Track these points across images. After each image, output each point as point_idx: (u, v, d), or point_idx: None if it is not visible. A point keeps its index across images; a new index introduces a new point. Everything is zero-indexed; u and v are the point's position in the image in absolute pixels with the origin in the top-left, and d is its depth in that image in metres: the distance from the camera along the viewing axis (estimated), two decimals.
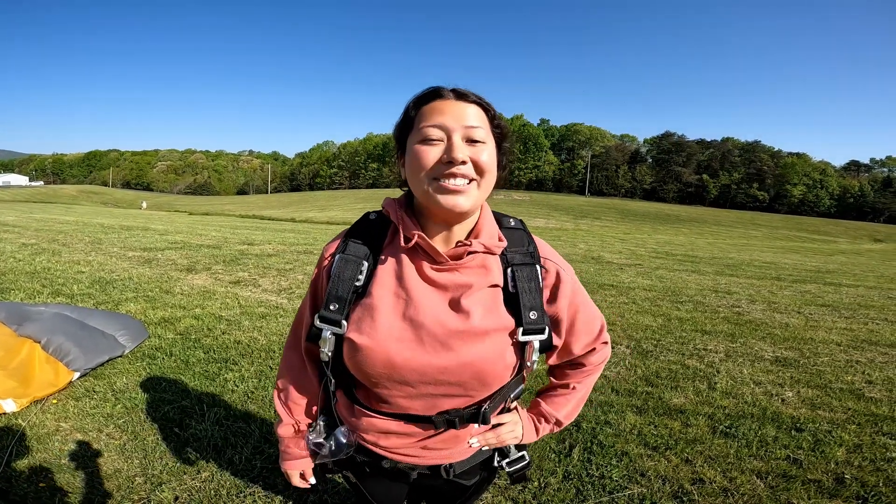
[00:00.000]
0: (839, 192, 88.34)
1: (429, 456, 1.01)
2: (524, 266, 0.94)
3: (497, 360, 0.90)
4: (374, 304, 0.91)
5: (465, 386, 0.91)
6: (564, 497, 2.15)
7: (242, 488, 2.17)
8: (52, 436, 2.53)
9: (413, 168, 0.87)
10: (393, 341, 0.88)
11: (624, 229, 30.73)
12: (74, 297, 5.19)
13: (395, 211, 0.95)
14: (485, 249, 0.91)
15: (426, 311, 0.89)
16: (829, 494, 2.24)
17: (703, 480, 2.29)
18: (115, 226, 13.91)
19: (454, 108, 0.86)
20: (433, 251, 0.90)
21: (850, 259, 18.40)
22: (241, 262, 7.99)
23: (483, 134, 0.87)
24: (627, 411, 2.99)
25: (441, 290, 0.91)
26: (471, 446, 1.03)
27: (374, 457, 1.03)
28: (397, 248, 0.94)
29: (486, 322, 0.89)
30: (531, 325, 0.92)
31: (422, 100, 0.89)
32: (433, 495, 1.21)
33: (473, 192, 0.87)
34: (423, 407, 0.94)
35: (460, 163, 0.84)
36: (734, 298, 6.97)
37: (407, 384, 0.91)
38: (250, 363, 3.57)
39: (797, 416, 3.02)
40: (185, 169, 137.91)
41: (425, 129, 0.85)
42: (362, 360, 0.90)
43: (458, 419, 0.95)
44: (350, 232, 0.99)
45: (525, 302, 0.92)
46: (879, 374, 3.92)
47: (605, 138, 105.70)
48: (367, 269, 0.94)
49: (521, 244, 0.97)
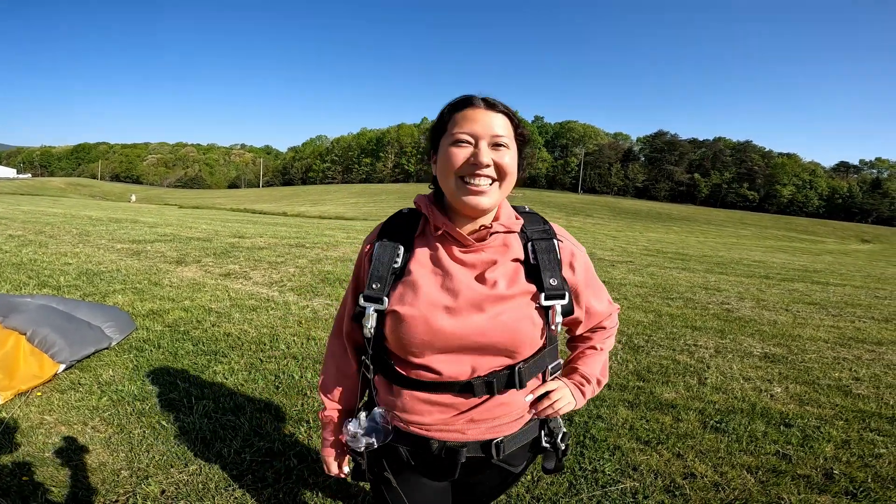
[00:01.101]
0: (828, 192, 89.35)
1: (476, 430, 1.03)
2: (542, 240, 1.05)
3: (525, 319, 0.99)
4: (415, 280, 1.01)
5: (499, 347, 0.98)
6: (557, 491, 2.14)
7: (231, 481, 2.14)
8: (36, 429, 2.49)
9: (444, 167, 0.98)
10: (434, 308, 0.97)
11: (616, 227, 30.88)
12: (61, 289, 5.11)
13: (426, 205, 1.06)
14: (505, 229, 1.03)
15: (458, 282, 0.99)
16: (818, 490, 2.24)
17: (694, 475, 2.30)
18: (104, 218, 13.72)
19: (483, 116, 0.97)
20: (460, 237, 1.01)
21: (837, 259, 18.64)
22: (232, 254, 7.91)
23: (507, 140, 0.98)
24: (619, 406, 2.99)
25: (470, 267, 1.02)
26: (523, 416, 1.07)
27: (420, 442, 1.04)
28: (429, 236, 1.06)
29: (512, 289, 1.00)
30: (552, 290, 1.01)
31: (455, 107, 1.00)
32: (475, 493, 1.21)
33: (495, 192, 0.98)
34: (462, 372, 0.99)
35: (485, 166, 0.95)
36: (724, 296, 7.02)
37: (447, 349, 0.98)
38: (240, 356, 3.53)
39: (786, 412, 3.04)
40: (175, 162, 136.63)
41: (457, 134, 0.96)
42: (407, 329, 0.97)
43: (496, 381, 1.00)
44: (386, 223, 1.10)
45: (545, 270, 1.02)
46: (866, 370, 3.95)
47: (598, 136, 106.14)
48: (404, 253, 1.04)
49: (538, 223, 1.09)
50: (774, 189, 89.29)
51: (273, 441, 2.44)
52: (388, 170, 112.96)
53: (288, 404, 2.85)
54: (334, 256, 8.28)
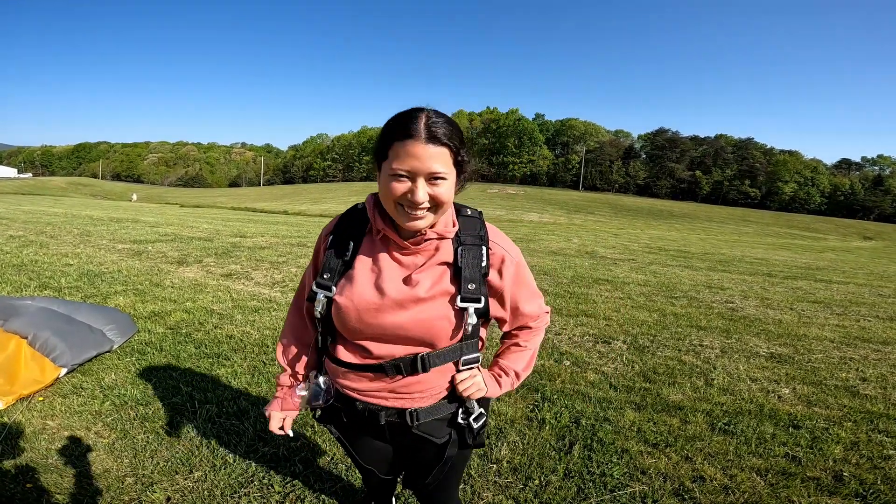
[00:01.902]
0: (830, 189, 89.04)
1: (396, 400, 1.22)
2: (471, 247, 1.16)
3: (441, 318, 1.13)
4: (354, 275, 1.17)
5: (418, 339, 1.15)
6: (566, 495, 2.12)
7: (237, 488, 2.12)
8: (39, 434, 2.46)
9: (383, 193, 1.08)
10: (364, 302, 1.14)
11: (617, 224, 30.84)
12: (62, 291, 5.09)
13: (371, 209, 1.18)
14: (438, 236, 1.14)
15: (387, 281, 1.14)
16: (828, 492, 2.22)
17: (703, 478, 2.27)
18: (105, 218, 13.70)
19: (423, 152, 1.01)
20: (397, 240, 1.14)
21: (839, 256, 18.57)
22: (234, 254, 7.89)
23: (445, 173, 1.04)
24: (626, 408, 2.97)
25: (403, 266, 1.16)
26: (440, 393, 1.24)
27: (349, 402, 1.25)
28: (374, 234, 1.19)
29: (431, 291, 1.13)
30: (468, 293, 1.13)
31: (397, 136, 1.02)
32: (414, 460, 1.37)
33: (430, 217, 1.08)
34: (386, 354, 1.17)
35: (419, 203, 1.04)
36: (727, 294, 6.99)
37: (374, 337, 1.16)
38: (243, 358, 3.51)
39: (794, 414, 3.02)
40: (176, 161, 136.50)
41: (396, 169, 1.02)
42: (343, 316, 1.16)
43: (402, 364, 1.17)
44: (343, 218, 1.25)
45: (466, 275, 1.14)
46: (873, 371, 3.93)
47: (599, 134, 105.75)
48: (353, 248, 1.19)
49: (474, 229, 1.18)
50: (776, 186, 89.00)
51: (278, 446, 2.41)
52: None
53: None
54: None
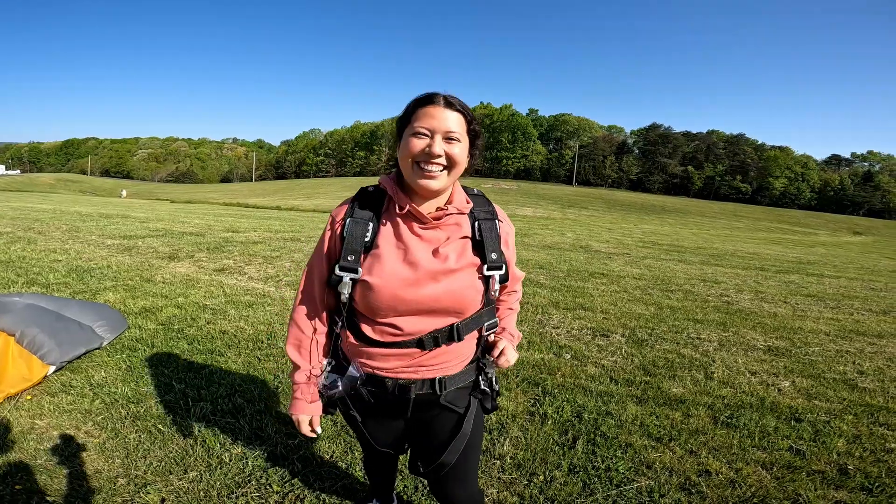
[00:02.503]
0: (820, 185, 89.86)
1: (425, 372, 1.26)
2: (487, 220, 1.27)
3: (470, 287, 1.22)
4: (381, 253, 1.20)
5: (449, 310, 1.21)
6: (572, 491, 2.08)
7: (234, 488, 2.06)
8: (27, 434, 2.39)
9: (403, 153, 1.17)
10: (397, 280, 1.18)
11: (610, 219, 30.93)
12: (50, 287, 4.98)
13: (392, 186, 1.24)
14: (458, 211, 1.24)
15: (419, 256, 1.19)
16: (834, 486, 2.21)
17: (709, 472, 2.25)
18: (94, 214, 13.47)
19: (441, 113, 1.14)
20: (421, 215, 1.21)
21: (830, 251, 18.74)
22: (226, 249, 7.78)
23: (459, 135, 1.16)
24: (628, 401, 2.94)
25: (427, 242, 1.22)
26: (464, 361, 1.31)
27: (378, 382, 1.27)
28: (393, 213, 1.24)
29: (459, 262, 1.22)
30: (493, 262, 1.25)
31: (419, 103, 1.17)
32: (428, 433, 1.37)
33: (444, 178, 1.17)
34: (417, 330, 1.22)
35: (437, 156, 1.14)
36: (722, 288, 7.00)
37: (406, 312, 1.20)
38: (237, 354, 3.44)
39: (795, 407, 3.00)
40: (166, 157, 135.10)
41: (417, 127, 1.15)
42: (375, 296, 1.18)
43: (440, 336, 1.23)
44: (355, 200, 1.26)
45: (488, 246, 1.25)
46: (870, 364, 3.93)
47: (592, 129, 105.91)
48: (372, 229, 1.22)
49: (484, 206, 1.30)
50: (767, 181, 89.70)
51: (275, 444, 2.35)
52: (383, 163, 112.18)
53: (289, 405, 2.76)
54: None
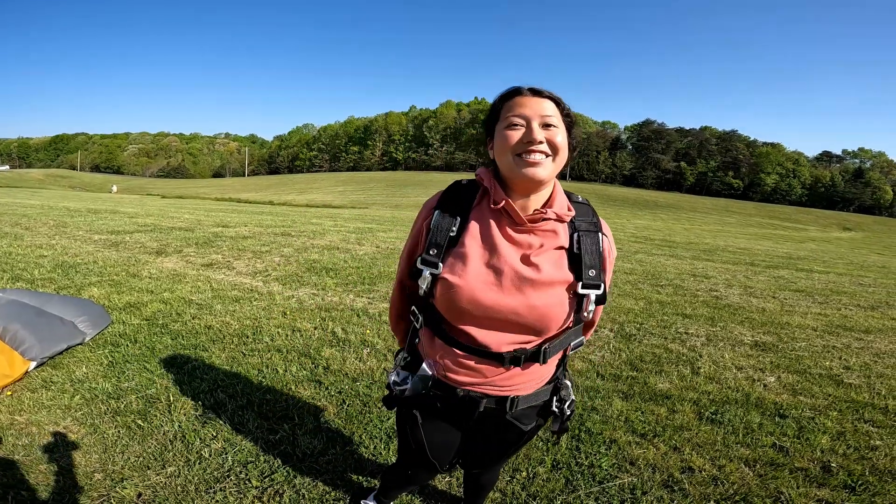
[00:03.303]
0: (811, 181, 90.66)
1: (497, 390, 1.18)
2: (589, 233, 1.13)
3: (557, 306, 1.09)
4: (465, 252, 1.11)
5: (529, 326, 1.10)
6: (554, 487, 2.07)
7: (212, 483, 2.03)
8: (6, 430, 2.34)
9: (501, 147, 1.07)
10: (479, 282, 1.08)
11: (604, 214, 30.71)
12: (35, 283, 4.90)
13: (490, 179, 1.14)
14: (557, 217, 1.10)
15: (506, 261, 1.08)
16: (817, 483, 2.20)
17: (692, 469, 2.24)
18: (82, 209, 13.31)
19: (532, 102, 1.07)
20: (516, 214, 1.09)
21: (820, 246, 18.91)
22: (215, 244, 7.71)
23: (555, 121, 1.07)
24: (614, 397, 2.93)
25: (518, 246, 1.10)
26: (540, 382, 1.22)
27: (448, 389, 1.19)
28: (484, 209, 1.14)
29: (552, 275, 1.09)
30: (590, 280, 1.10)
31: (506, 97, 1.10)
32: (485, 444, 1.33)
33: (549, 165, 1.06)
34: (496, 343, 1.11)
35: (538, 142, 1.04)
36: (712, 283, 7.03)
37: (485, 319, 1.10)
38: (221, 349, 3.40)
39: (780, 403, 3.01)
40: (157, 152, 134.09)
41: (510, 118, 1.06)
42: (453, 296, 1.09)
43: (523, 356, 1.13)
44: (446, 193, 1.18)
45: (586, 261, 1.11)
46: (856, 359, 3.95)
47: (586, 125, 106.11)
48: (460, 224, 1.13)
49: (587, 216, 1.16)
50: (758, 177, 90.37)
51: (256, 440, 2.33)
52: (376, 158, 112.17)
53: (272, 400, 2.73)
54: (321, 245, 8.12)
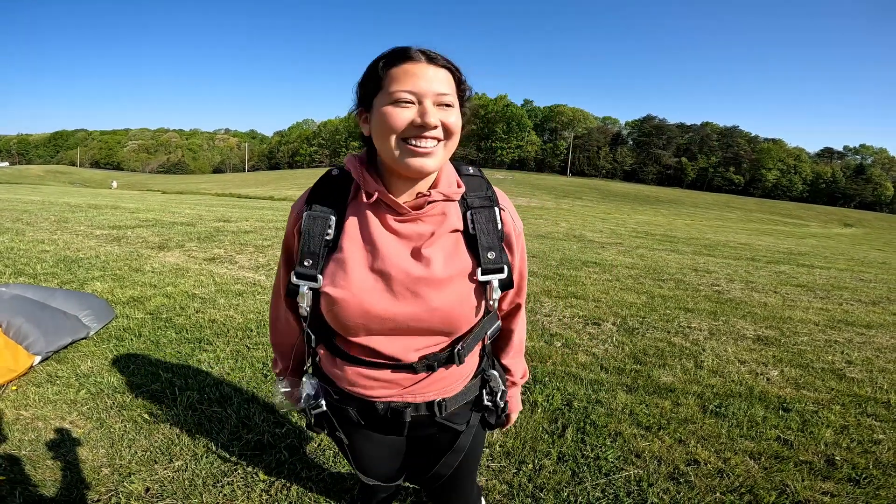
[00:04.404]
0: (812, 177, 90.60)
1: (420, 397, 1.03)
2: (483, 209, 0.98)
3: (462, 303, 0.94)
4: (344, 257, 0.94)
5: (436, 331, 0.96)
6: (560, 479, 2.08)
7: (219, 477, 2.04)
8: (12, 425, 2.35)
9: (383, 129, 0.87)
10: (366, 292, 0.92)
11: (604, 209, 30.99)
12: (38, 277, 4.91)
13: (356, 168, 0.96)
14: (444, 197, 0.94)
15: (392, 261, 0.92)
16: (821, 476, 2.21)
17: (697, 461, 2.25)
18: (83, 205, 13.31)
19: (425, 72, 0.87)
20: (395, 204, 0.92)
21: (821, 242, 18.87)
22: (217, 238, 7.71)
23: (451, 98, 0.89)
24: (618, 390, 2.94)
25: (404, 239, 0.94)
26: (465, 379, 1.08)
27: (366, 405, 1.04)
28: (360, 202, 0.96)
29: (448, 269, 0.93)
30: (489, 264, 0.95)
31: (392, 61, 0.88)
32: (427, 454, 1.19)
33: (440, 152, 0.89)
34: (402, 352, 0.96)
35: (433, 127, 0.86)
36: (713, 277, 7.03)
37: (383, 332, 0.95)
38: (226, 343, 3.41)
39: (783, 396, 3.02)
40: (157, 148, 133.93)
41: (397, 93, 0.86)
42: (339, 312, 0.93)
43: (437, 363, 0.99)
44: (315, 189, 0.99)
45: (483, 242, 0.96)
46: (858, 354, 3.95)
47: (587, 120, 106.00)
48: (336, 224, 0.95)
49: (480, 189, 1.00)
50: (760, 173, 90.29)
51: (262, 433, 2.34)
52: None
53: None
54: None
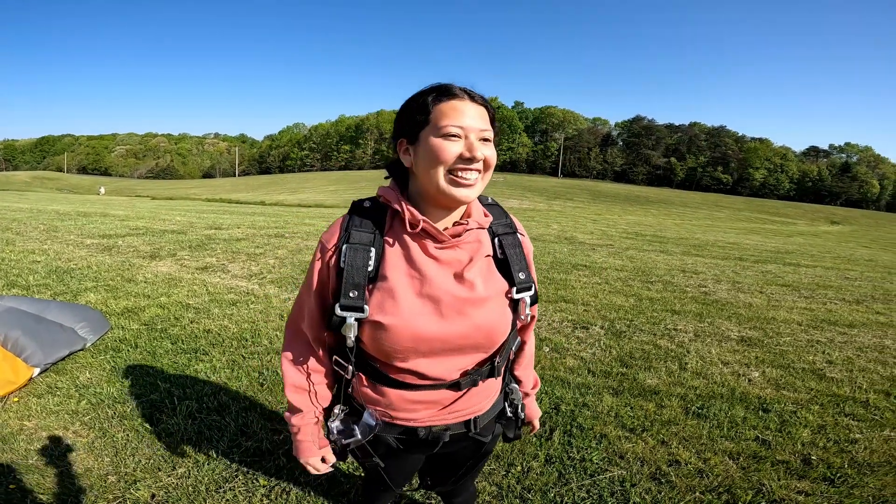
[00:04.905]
0: (798, 176, 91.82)
1: (458, 416, 1.12)
2: (508, 235, 1.11)
3: (500, 319, 1.06)
4: (391, 286, 1.00)
5: (479, 346, 1.05)
6: (547, 481, 2.17)
7: (221, 483, 2.11)
8: (17, 435, 2.41)
9: (432, 160, 0.95)
10: (417, 317, 0.98)
11: (595, 210, 31.20)
12: (30, 289, 4.92)
13: (397, 199, 1.02)
14: (479, 226, 1.05)
15: (439, 285, 1.00)
16: (797, 475, 2.30)
17: (678, 462, 2.35)
18: (72, 212, 13.22)
19: (470, 109, 0.97)
20: (437, 232, 1.00)
21: (808, 240, 19.18)
22: (209, 247, 7.74)
23: (489, 134, 0.99)
24: (604, 393, 3.04)
25: (445, 265, 1.02)
26: (495, 394, 1.19)
27: (408, 432, 1.11)
28: (399, 232, 1.03)
29: (488, 289, 1.04)
30: (521, 283, 1.08)
31: (439, 97, 0.97)
32: (449, 462, 1.30)
33: (479, 185, 0.99)
34: (445, 371, 1.05)
35: (479, 161, 0.96)
36: (701, 278, 7.16)
37: (431, 353, 1.02)
38: (221, 353, 3.47)
39: (763, 397, 3.12)
40: (145, 153, 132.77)
41: (447, 128, 0.94)
42: (389, 338, 0.99)
43: (479, 378, 1.09)
44: (350, 222, 1.05)
45: (514, 265, 1.08)
46: (839, 353, 4.07)
47: (577, 121, 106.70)
48: (376, 254, 1.02)
49: (501, 217, 1.13)
50: (747, 172, 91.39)
51: (261, 440, 2.41)
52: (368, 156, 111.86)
53: (273, 401, 2.81)
54: (314, 246, 8.12)
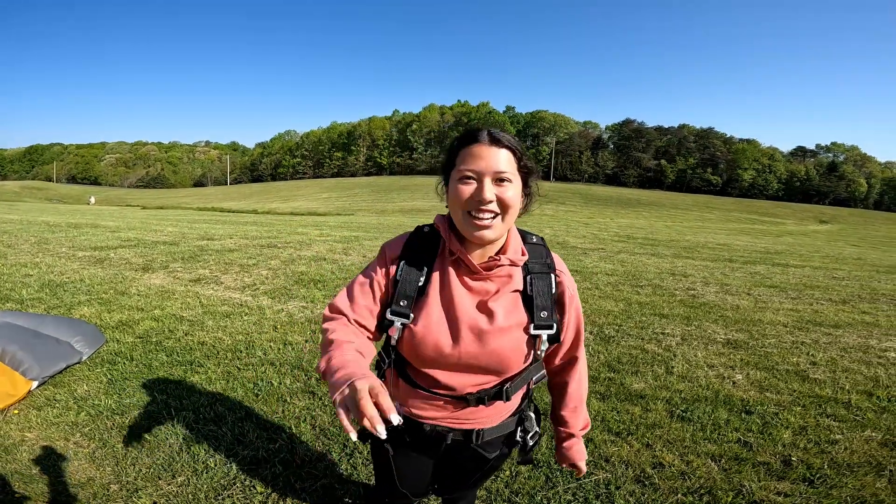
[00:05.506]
0: (787, 176, 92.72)
1: (463, 424, 1.25)
2: (541, 275, 1.19)
3: (514, 349, 1.15)
4: (429, 302, 1.15)
5: (490, 369, 1.17)
6: (535, 484, 2.24)
7: (220, 491, 2.17)
8: (19, 446, 2.47)
9: (452, 201, 1.11)
10: (439, 334, 1.13)
11: (588, 213, 31.43)
12: (24, 303, 4.94)
13: (445, 230, 1.18)
14: (511, 263, 1.15)
15: (463, 310, 1.14)
16: (777, 476, 2.36)
17: (662, 464, 2.42)
18: (62, 223, 13.17)
19: (488, 153, 1.06)
20: (471, 264, 1.14)
21: (797, 240, 19.45)
22: (201, 258, 7.75)
23: (510, 175, 1.07)
24: (591, 398, 3.12)
25: (474, 293, 1.16)
26: (504, 414, 1.29)
27: (415, 425, 1.25)
28: (445, 258, 1.19)
29: (507, 321, 1.14)
30: (541, 321, 1.16)
31: (463, 142, 1.10)
32: (455, 471, 1.41)
33: (498, 225, 1.09)
34: (459, 385, 1.18)
35: (487, 202, 1.05)
36: (690, 281, 7.27)
37: (448, 366, 1.16)
38: (216, 364, 3.51)
39: (747, 399, 3.19)
40: (135, 162, 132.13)
41: (463, 171, 1.07)
42: (418, 345, 1.14)
43: (486, 396, 1.20)
44: (410, 243, 1.21)
45: (538, 303, 1.16)
46: (823, 354, 4.14)
47: (568, 125, 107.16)
48: (426, 273, 1.17)
49: (541, 257, 1.21)
50: (736, 173, 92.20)
51: (257, 449, 2.47)
52: (361, 163, 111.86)
53: (268, 411, 2.87)
54: (308, 256, 8.20)
